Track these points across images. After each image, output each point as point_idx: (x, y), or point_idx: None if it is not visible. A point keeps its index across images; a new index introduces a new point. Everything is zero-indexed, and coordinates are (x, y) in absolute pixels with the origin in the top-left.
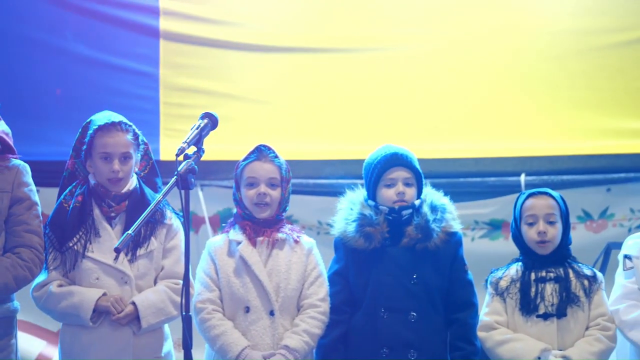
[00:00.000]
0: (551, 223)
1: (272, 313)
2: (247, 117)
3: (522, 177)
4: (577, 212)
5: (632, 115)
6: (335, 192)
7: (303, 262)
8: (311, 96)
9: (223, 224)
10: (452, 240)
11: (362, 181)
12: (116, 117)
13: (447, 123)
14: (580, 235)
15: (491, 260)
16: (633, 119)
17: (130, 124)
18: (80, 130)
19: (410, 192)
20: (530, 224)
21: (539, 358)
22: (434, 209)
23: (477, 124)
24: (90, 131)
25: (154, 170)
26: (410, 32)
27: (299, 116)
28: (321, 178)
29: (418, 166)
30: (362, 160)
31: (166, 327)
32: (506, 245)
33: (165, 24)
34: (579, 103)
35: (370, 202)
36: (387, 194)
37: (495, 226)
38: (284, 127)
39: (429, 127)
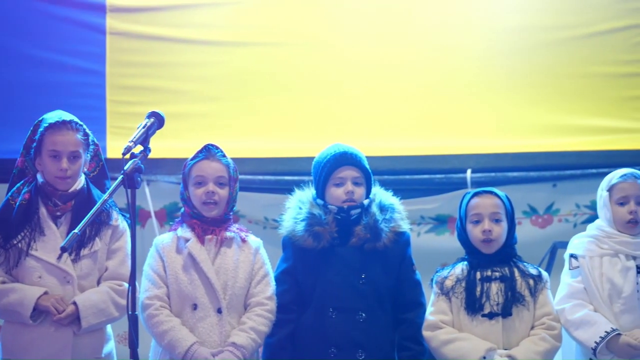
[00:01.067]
0: (496, 222)
1: (219, 311)
2: (194, 114)
3: (468, 174)
4: (522, 208)
5: (577, 112)
6: (282, 189)
7: (250, 261)
8: (259, 93)
9: (169, 219)
10: (401, 240)
11: (308, 177)
12: (67, 116)
13: (395, 121)
14: (525, 230)
15: (437, 255)
16: (578, 116)
17: (82, 123)
18: (31, 128)
19: (359, 191)
20: (476, 223)
21: (484, 357)
22: (382, 208)
23: (423, 121)
24: (41, 129)
25: (104, 172)
26: (357, 30)
27: (246, 113)
28: (268, 174)
29: (367, 166)
30: (310, 158)
31: (109, 328)
32: (452, 240)
33: (111, 21)
34: (525, 100)
35: (319, 201)
36: (336, 193)
37: (441, 221)
38: (232, 124)
39: (377, 125)
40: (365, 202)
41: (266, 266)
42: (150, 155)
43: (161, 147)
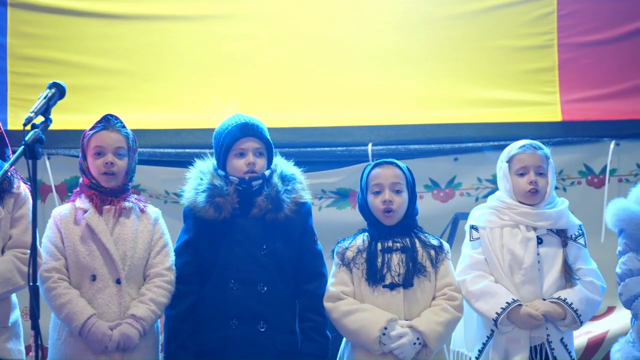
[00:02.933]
0: (397, 192)
1: (118, 281)
2: (96, 87)
3: (370, 147)
4: (424, 181)
5: (478, 85)
6: (183, 162)
7: (149, 231)
8: (161, 66)
9: (70, 193)
10: (302, 211)
11: (210, 150)
12: None
13: (297, 93)
14: (427, 204)
15: (339, 229)
16: (479, 88)
17: None
18: None
19: (261, 162)
20: (376, 193)
21: (386, 328)
22: (284, 179)
23: (325, 94)
24: None
25: (3, 141)
26: (262, 1)
27: (147, 86)
28: (168, 147)
29: (268, 136)
30: (211, 130)
31: (14, 297)
32: (353, 214)
33: None
34: (426, 73)
35: (221, 172)
36: (238, 164)
37: (342, 195)
38: (134, 97)
39: (279, 96)
40: (267, 172)
41: (165, 237)
42: (52, 128)
43: (63, 120)
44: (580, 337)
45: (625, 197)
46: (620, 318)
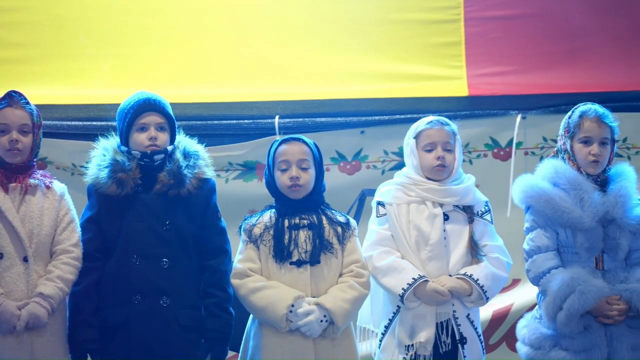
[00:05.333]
0: (304, 169)
1: (25, 259)
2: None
3: (276, 119)
4: (331, 154)
5: (385, 59)
6: (89, 134)
7: (55, 208)
8: (66, 40)
9: None
10: (205, 187)
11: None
12: None
13: (202, 68)
14: (334, 176)
15: (245, 201)
16: (387, 62)
17: None
18: None
19: (163, 137)
20: (283, 170)
21: (293, 305)
22: (187, 155)
23: (231, 68)
24: None
25: None
26: None
27: (50, 60)
28: (75, 120)
29: (171, 112)
30: (116, 105)
31: None
32: (260, 187)
33: None
34: (333, 48)
35: (123, 148)
36: (140, 139)
37: (249, 167)
38: (39, 71)
39: (184, 72)
40: (169, 148)
41: (71, 212)
42: None
43: None
44: (485, 309)
45: (531, 170)
46: (525, 291)
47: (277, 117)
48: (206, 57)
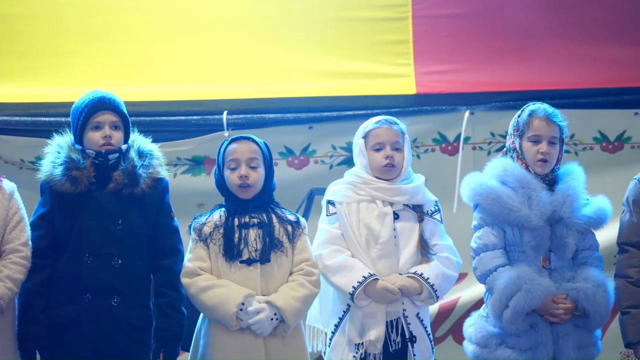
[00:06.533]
0: (253, 168)
1: None
2: None
3: (224, 115)
4: (279, 149)
5: (333, 57)
6: (39, 130)
7: (5, 207)
8: (17, 36)
9: None
10: (159, 187)
11: (66, 119)
12: None
13: (153, 67)
14: (282, 171)
15: (194, 196)
16: (335, 60)
17: None
18: None
19: (117, 135)
20: (233, 169)
21: (243, 304)
22: (141, 154)
23: (179, 67)
24: None
25: None
26: None
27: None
28: (25, 116)
29: (125, 111)
30: (68, 104)
31: None
32: (208, 181)
33: None
34: (282, 45)
35: (77, 146)
36: (94, 138)
37: (197, 162)
38: None
39: (135, 71)
40: (124, 147)
41: (21, 211)
42: None
43: None
44: None
45: (479, 164)
46: (471, 285)
47: (225, 112)
48: (156, 55)
